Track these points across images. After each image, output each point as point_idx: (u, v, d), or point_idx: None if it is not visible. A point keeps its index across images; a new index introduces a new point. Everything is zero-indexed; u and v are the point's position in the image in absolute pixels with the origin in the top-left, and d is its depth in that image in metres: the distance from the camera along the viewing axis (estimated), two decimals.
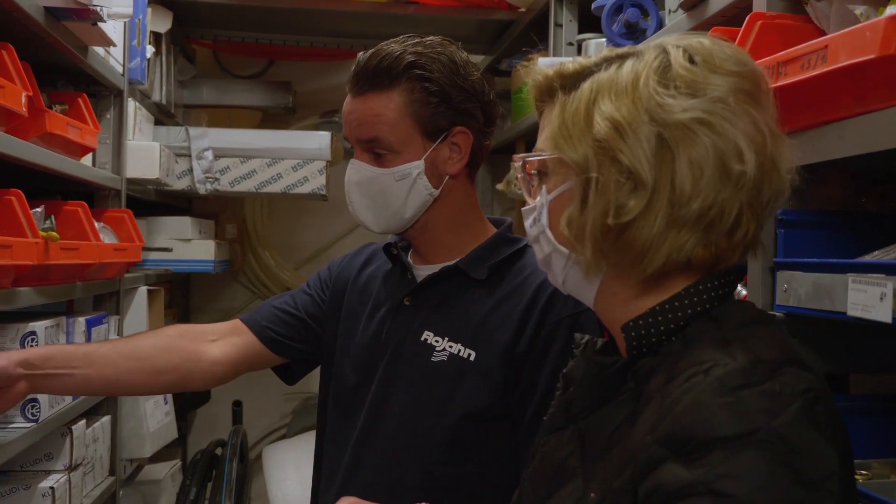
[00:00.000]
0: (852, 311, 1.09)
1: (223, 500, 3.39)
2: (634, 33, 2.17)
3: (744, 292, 1.41)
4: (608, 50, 0.99)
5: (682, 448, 0.82)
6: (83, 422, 2.08)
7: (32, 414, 1.73)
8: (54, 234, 1.74)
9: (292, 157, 3.19)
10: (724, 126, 0.90)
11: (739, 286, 1.44)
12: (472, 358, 1.40)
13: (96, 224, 2.15)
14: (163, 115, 3.22)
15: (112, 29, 2.16)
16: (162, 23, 3.01)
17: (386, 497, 1.20)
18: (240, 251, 3.95)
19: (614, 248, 0.92)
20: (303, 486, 1.63)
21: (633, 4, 2.13)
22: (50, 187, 2.18)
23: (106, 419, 2.33)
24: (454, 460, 1.40)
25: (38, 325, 1.73)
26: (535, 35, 3.09)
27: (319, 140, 3.23)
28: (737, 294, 1.45)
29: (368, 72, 1.43)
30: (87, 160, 2.28)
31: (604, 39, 2.33)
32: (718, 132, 0.90)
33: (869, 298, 1.06)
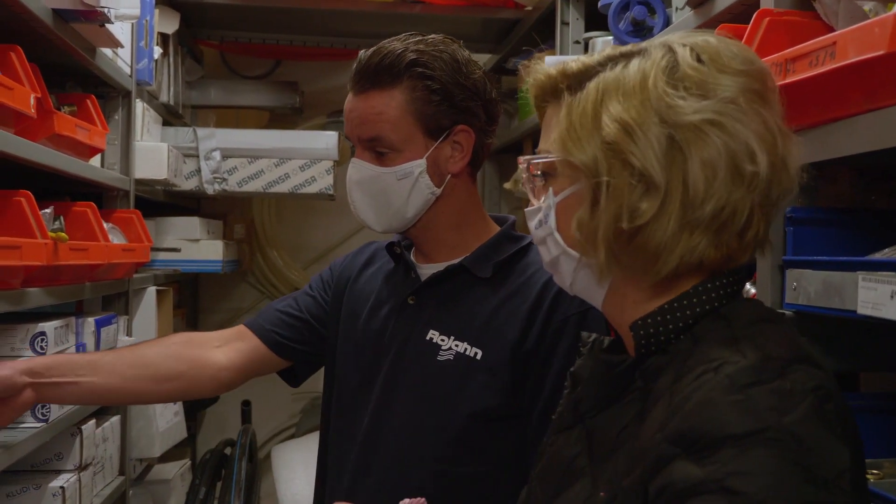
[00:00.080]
0: (862, 309, 1.08)
1: (232, 499, 3.39)
2: (641, 31, 2.16)
3: (753, 291, 1.41)
4: (611, 48, 0.98)
5: (693, 446, 0.81)
6: (93, 422, 2.09)
7: (42, 414, 1.74)
8: (63, 234, 1.74)
9: (300, 157, 3.20)
10: (736, 127, 0.89)
11: (748, 284, 1.43)
12: (478, 357, 1.40)
13: (105, 225, 2.15)
14: (171, 116, 3.23)
15: (119, 30, 2.17)
16: (169, 24, 3.02)
17: (395, 498, 1.20)
18: (248, 251, 3.95)
19: (626, 251, 0.92)
20: (311, 486, 1.63)
21: (640, 2, 2.12)
22: (59, 188, 2.18)
23: (115, 419, 2.34)
24: (463, 460, 1.39)
25: (48, 326, 1.73)
26: (542, 33, 3.08)
27: (327, 140, 3.23)
28: (746, 292, 1.44)
29: (370, 70, 1.42)
30: (95, 161, 2.29)
31: (611, 37, 2.33)
32: (730, 133, 0.89)
33: (879, 296, 1.05)
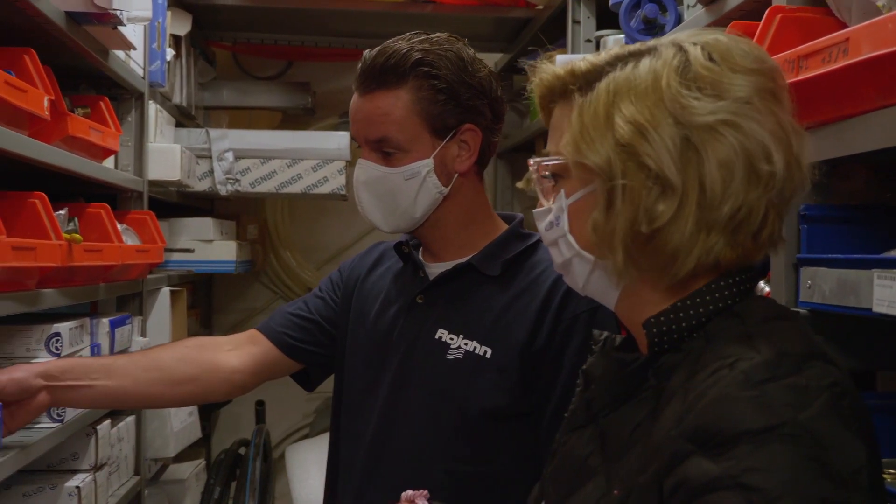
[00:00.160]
0: (878, 307, 1.08)
1: (247, 499, 3.41)
2: (653, 29, 2.15)
3: (767, 289, 1.40)
4: (619, 46, 0.98)
5: (708, 442, 0.81)
6: (108, 422, 2.10)
7: (58, 414, 1.74)
8: (78, 236, 1.74)
9: (312, 158, 3.21)
10: (752, 127, 0.89)
11: (762, 283, 1.43)
12: (488, 355, 1.39)
13: (119, 226, 2.16)
14: (183, 118, 3.24)
15: (132, 32, 2.18)
16: (181, 26, 3.03)
17: None
18: (261, 251, 3.96)
19: (643, 253, 0.91)
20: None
21: (651, 0, 2.12)
22: (73, 190, 2.19)
23: (130, 419, 2.34)
24: (473, 459, 1.39)
25: (63, 326, 1.74)
26: (554, 32, 3.07)
27: (339, 140, 3.24)
28: (760, 291, 1.43)
29: (375, 70, 1.42)
30: (109, 162, 2.30)
31: (622, 36, 2.32)
32: (746, 133, 0.89)
33: (895, 294, 1.05)
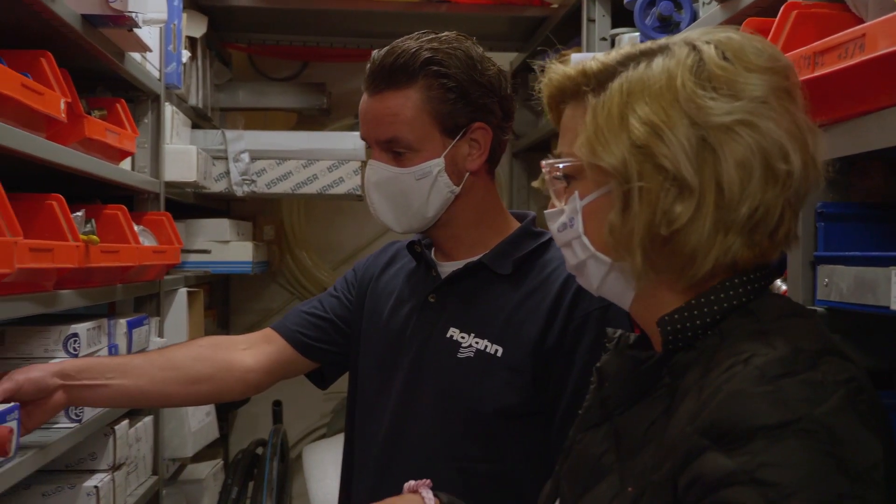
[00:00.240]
0: None
1: (264, 499, 3.42)
2: (668, 26, 2.15)
3: (784, 287, 1.39)
4: (630, 45, 0.97)
5: (723, 437, 0.81)
6: (126, 422, 2.11)
7: (76, 414, 1.75)
8: (95, 237, 1.75)
9: (327, 158, 3.21)
10: (769, 126, 0.89)
11: (779, 281, 1.42)
12: (499, 354, 1.40)
13: (136, 227, 2.17)
14: (199, 119, 3.26)
15: (148, 35, 2.19)
16: (197, 28, 3.05)
17: None
18: (277, 252, 3.98)
19: (661, 254, 0.91)
20: None
21: None
22: (91, 191, 2.21)
23: (148, 419, 2.36)
24: (486, 458, 1.39)
25: (80, 327, 1.75)
26: (569, 30, 3.07)
27: (354, 141, 3.24)
28: (777, 289, 1.43)
29: (385, 69, 1.41)
30: (126, 164, 2.31)
31: (637, 34, 2.31)
32: (763, 133, 0.89)
33: None
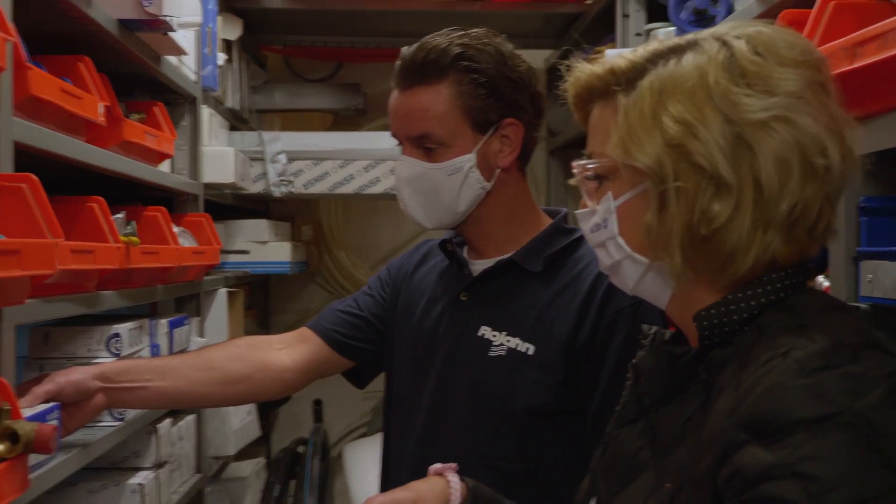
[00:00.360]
0: None
1: (306, 497, 3.45)
2: (703, 20, 2.12)
3: (826, 284, 1.37)
4: (657, 42, 0.96)
5: (762, 431, 0.80)
6: (168, 420, 2.14)
7: (119, 413, 1.78)
8: (135, 238, 1.78)
9: (364, 158, 3.23)
10: (806, 121, 0.88)
11: (821, 278, 1.40)
12: (530, 352, 1.39)
13: (175, 228, 2.20)
14: (236, 121, 3.29)
15: (183, 38, 2.21)
16: (232, 30, 3.08)
17: None
18: (316, 252, 4.00)
19: (699, 254, 0.90)
20: None
21: None
22: (131, 194, 2.24)
23: (190, 418, 2.38)
24: (519, 457, 1.39)
25: (122, 327, 1.78)
26: (604, 26, 3.04)
27: (390, 140, 3.19)
28: (818, 286, 1.40)
29: (415, 66, 1.42)
30: (165, 166, 2.34)
31: (672, 28, 2.29)
32: (800, 128, 0.88)
33: None
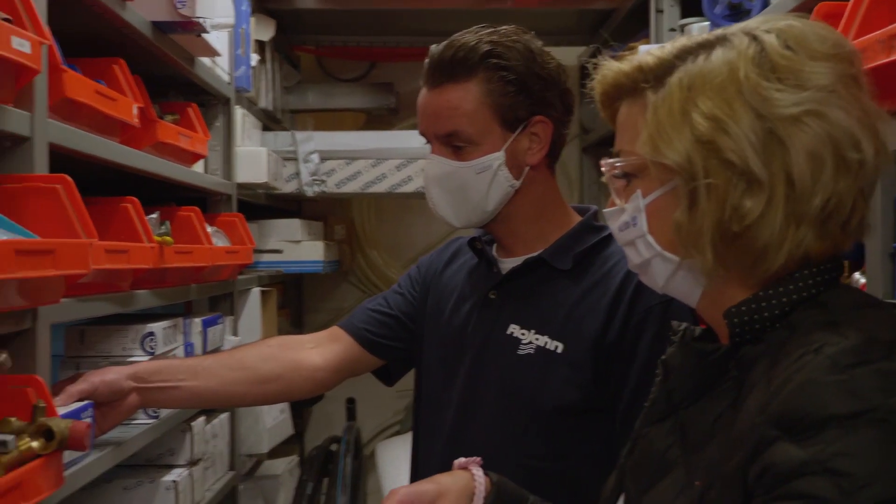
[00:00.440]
0: None
1: (339, 495, 3.46)
2: (738, 14, 2.10)
3: (862, 280, 1.35)
4: (685, 38, 0.95)
5: (794, 427, 0.79)
6: (202, 418, 2.16)
7: (154, 410, 1.80)
8: (169, 238, 1.79)
9: (396, 157, 3.23)
10: (838, 115, 0.86)
11: (857, 274, 1.37)
12: (559, 350, 1.38)
13: (209, 228, 2.21)
14: (269, 121, 3.31)
15: (216, 39, 2.23)
16: (265, 31, 3.10)
17: None
18: (349, 251, 4.02)
19: (730, 251, 0.89)
20: None
21: None
22: (165, 194, 2.26)
23: (224, 416, 2.40)
24: (549, 455, 1.38)
25: (157, 326, 1.80)
26: (637, 22, 3.02)
27: (422, 139, 3.24)
28: (855, 282, 1.38)
29: (444, 63, 1.41)
30: (198, 167, 2.36)
31: (707, 23, 2.27)
32: (832, 122, 0.86)
33: None
